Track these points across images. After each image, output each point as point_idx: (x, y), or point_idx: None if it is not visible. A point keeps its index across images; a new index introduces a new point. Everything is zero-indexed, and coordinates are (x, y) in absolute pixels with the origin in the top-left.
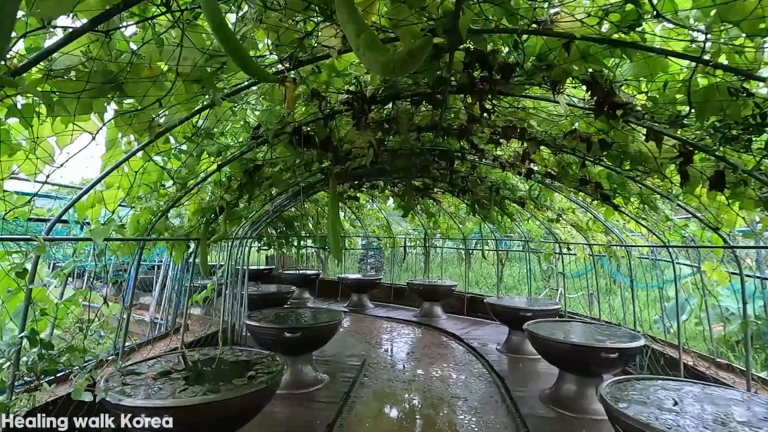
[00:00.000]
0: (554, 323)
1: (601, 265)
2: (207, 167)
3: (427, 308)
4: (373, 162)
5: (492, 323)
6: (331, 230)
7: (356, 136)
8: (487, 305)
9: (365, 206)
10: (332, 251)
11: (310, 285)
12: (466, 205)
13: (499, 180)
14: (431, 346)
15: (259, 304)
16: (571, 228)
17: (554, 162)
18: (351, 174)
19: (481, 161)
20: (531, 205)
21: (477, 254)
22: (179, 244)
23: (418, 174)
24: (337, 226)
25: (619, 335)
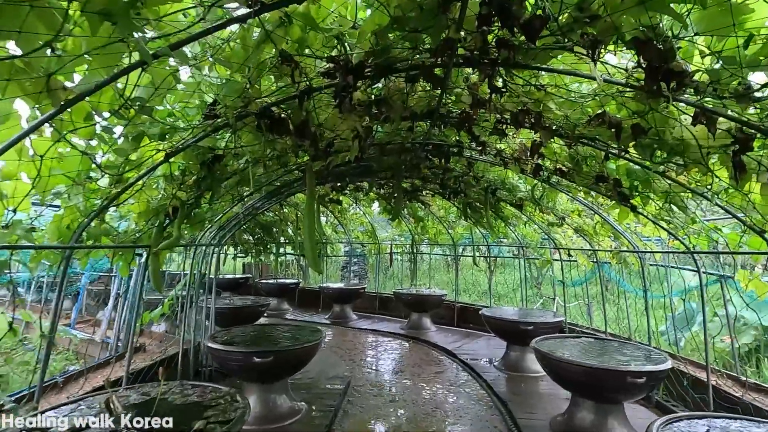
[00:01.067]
0: (562, 339)
1: (605, 272)
2: (152, 156)
3: (415, 320)
4: (358, 158)
5: (485, 335)
6: (308, 236)
7: (339, 121)
8: (483, 317)
9: (348, 210)
10: (309, 261)
11: (288, 295)
12: (457, 209)
13: (497, 180)
14: (422, 363)
15: (230, 319)
16: (573, 233)
17: (566, 156)
18: (333, 172)
19: (481, 156)
20: (530, 208)
21: (465, 260)
22: (126, 253)
23: (408, 173)
24: (315, 231)
25: (641, 355)
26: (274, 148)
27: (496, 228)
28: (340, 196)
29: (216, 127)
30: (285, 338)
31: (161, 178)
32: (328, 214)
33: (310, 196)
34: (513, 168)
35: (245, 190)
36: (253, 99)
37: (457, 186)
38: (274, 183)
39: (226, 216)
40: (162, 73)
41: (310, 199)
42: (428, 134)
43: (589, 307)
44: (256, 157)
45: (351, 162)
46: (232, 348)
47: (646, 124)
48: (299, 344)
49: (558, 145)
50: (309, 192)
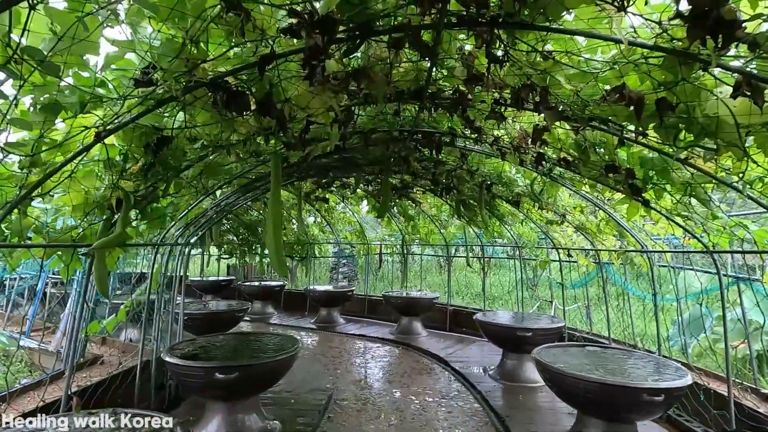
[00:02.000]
0: (564, 348)
1: (608, 274)
2: (80, 136)
3: (405, 324)
4: (340, 148)
5: (479, 340)
6: (272, 234)
7: (310, 96)
8: (477, 323)
9: (336, 209)
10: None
11: (273, 298)
12: (450, 207)
13: (493, 173)
14: (412, 372)
15: (204, 326)
16: (572, 232)
17: (572, 144)
18: (314, 165)
19: (476, 147)
20: (528, 205)
21: (457, 261)
22: (65, 253)
23: (397, 167)
24: (281, 229)
25: (652, 366)
26: (237, 131)
27: (491, 227)
28: (327, 194)
29: (159, 100)
30: (256, 349)
31: (98, 164)
32: (315, 213)
33: (275, 187)
34: (511, 159)
35: (213, 182)
36: (199, 63)
37: (449, 181)
38: (246, 176)
39: (194, 212)
40: (67, 19)
41: (275, 190)
42: (417, 120)
43: (588, 311)
44: (217, 142)
45: (333, 153)
46: (191, 363)
47: (674, 98)
48: (271, 357)
49: (563, 131)
50: (274, 182)
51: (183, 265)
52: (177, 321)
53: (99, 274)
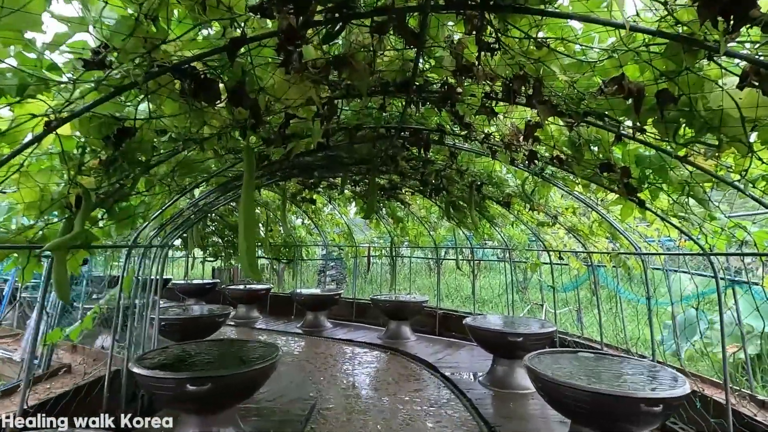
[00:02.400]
0: (556, 355)
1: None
2: (28, 125)
3: (393, 328)
4: (323, 145)
5: (468, 344)
6: (243, 234)
7: (287, 86)
8: (467, 328)
9: (323, 210)
10: (243, 266)
11: (259, 302)
12: (439, 208)
13: (483, 173)
14: (400, 379)
15: (182, 332)
16: (564, 234)
17: (565, 141)
18: (297, 163)
19: (466, 144)
20: (519, 206)
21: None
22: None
23: (384, 166)
24: (253, 230)
25: (646, 372)
26: (209, 124)
27: (481, 229)
28: (313, 195)
29: (117, 86)
30: (234, 358)
31: (55, 157)
32: (302, 215)
33: (247, 183)
34: (502, 157)
35: (188, 180)
36: (158, 43)
37: (438, 182)
38: (225, 174)
39: (169, 212)
40: None
41: (247, 187)
42: (404, 116)
43: (579, 314)
44: (187, 136)
45: (317, 151)
46: (161, 374)
47: (676, 90)
48: (248, 367)
49: (557, 127)
50: (247, 178)
51: (160, 268)
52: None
53: (58, 277)
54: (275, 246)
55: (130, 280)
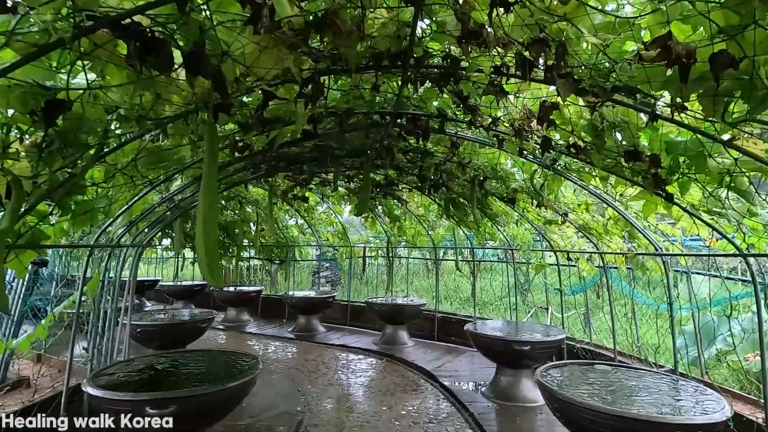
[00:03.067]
0: (570, 367)
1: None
2: None
3: (390, 333)
4: (311, 134)
5: (469, 350)
6: (203, 229)
7: (259, 51)
8: (468, 334)
9: (316, 209)
10: (202, 268)
11: (250, 304)
12: (438, 206)
13: (487, 166)
14: (396, 389)
15: (159, 340)
16: (574, 232)
17: (585, 125)
18: (283, 155)
19: (469, 133)
20: (525, 203)
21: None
22: None
23: (379, 159)
24: (214, 224)
25: (677, 391)
26: (166, 99)
27: (483, 228)
28: (306, 193)
29: (41, 45)
30: (206, 372)
31: None
32: (294, 213)
33: (209, 170)
34: (510, 147)
35: (159, 172)
36: None
37: (437, 177)
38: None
39: (138, 208)
40: None
41: (208, 174)
42: (400, 98)
43: (587, 318)
44: (140, 113)
45: (303, 140)
46: (117, 395)
47: (739, 51)
48: (220, 385)
49: (576, 109)
50: (208, 163)
51: (133, 270)
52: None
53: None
54: (267, 246)
55: (95, 284)
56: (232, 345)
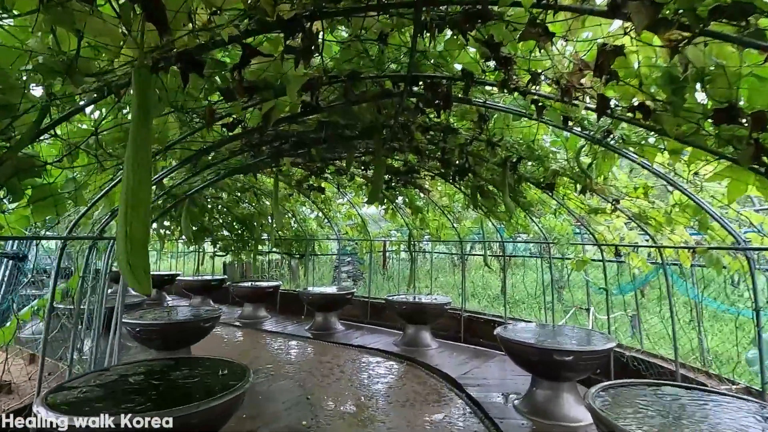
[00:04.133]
0: (631, 390)
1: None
2: None
3: (411, 334)
4: (311, 107)
5: (498, 353)
6: (124, 217)
7: None
8: (499, 339)
9: (333, 200)
10: (122, 270)
11: (267, 300)
12: (464, 195)
13: (523, 144)
14: (416, 399)
15: (160, 340)
16: (623, 223)
17: (657, 79)
18: (284, 135)
19: (500, 100)
20: (567, 188)
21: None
22: None
23: (395, 140)
24: (142, 209)
25: None
26: (91, 38)
27: (514, 219)
28: (322, 183)
29: None
30: (185, 387)
31: None
32: (311, 205)
33: (137, 127)
34: (552, 115)
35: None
36: None
37: (463, 161)
38: (190, 147)
39: (117, 195)
40: None
41: (136, 134)
42: (413, 53)
43: (634, 322)
44: (63, 60)
45: (302, 114)
46: (60, 418)
47: None
48: (193, 408)
49: (649, 53)
50: (136, 118)
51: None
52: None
53: None
54: (286, 240)
55: (77, 280)
56: (245, 343)
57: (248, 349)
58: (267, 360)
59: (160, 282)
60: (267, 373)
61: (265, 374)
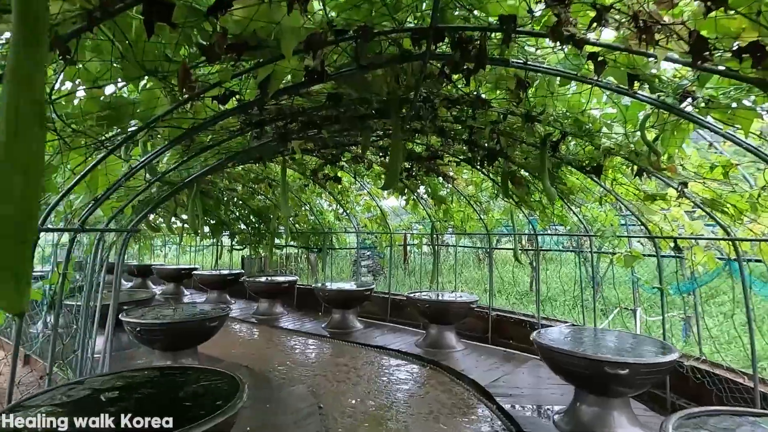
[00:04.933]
0: (721, 420)
1: (730, 274)
2: None
3: (434, 334)
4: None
5: (531, 357)
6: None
7: None
8: (536, 346)
9: (351, 191)
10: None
11: (283, 296)
12: (493, 183)
13: (569, 116)
14: (440, 410)
15: (163, 341)
16: (685, 212)
17: None
18: (288, 113)
19: (545, 61)
20: (618, 171)
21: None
22: None
23: (416, 118)
24: (38, 172)
25: None
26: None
27: (549, 210)
28: (338, 171)
29: None
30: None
31: None
32: (327, 196)
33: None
34: (614, 73)
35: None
36: None
37: (494, 142)
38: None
39: (100, 181)
40: None
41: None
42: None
43: (687, 323)
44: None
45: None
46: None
47: None
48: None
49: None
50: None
51: (118, 260)
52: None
53: None
54: (303, 233)
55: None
56: (258, 342)
57: (261, 348)
58: (279, 361)
59: (179, 276)
60: (278, 377)
61: (276, 378)
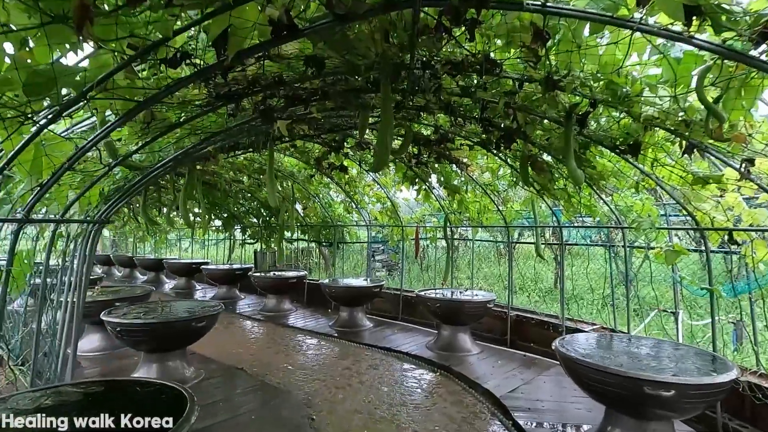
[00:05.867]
0: None
1: None
2: None
3: (447, 336)
4: (283, 27)
5: (554, 364)
6: None
7: None
8: (560, 357)
9: (359, 181)
10: None
11: (292, 292)
12: (511, 169)
13: (601, 78)
14: (448, 426)
15: (148, 342)
16: (744, 197)
17: None
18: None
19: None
20: (661, 150)
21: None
22: None
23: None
24: None
25: None
26: None
27: (575, 198)
28: (344, 160)
29: None
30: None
31: None
32: (335, 187)
33: None
34: (664, 6)
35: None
36: None
37: (510, 120)
38: (135, 97)
39: (44, 166)
40: None
41: None
42: None
43: (738, 328)
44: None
45: (277, 43)
46: None
47: None
48: None
49: None
50: None
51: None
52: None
53: None
54: (314, 227)
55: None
56: (259, 342)
57: (261, 348)
58: (279, 363)
59: (189, 270)
60: (273, 382)
61: (270, 383)
